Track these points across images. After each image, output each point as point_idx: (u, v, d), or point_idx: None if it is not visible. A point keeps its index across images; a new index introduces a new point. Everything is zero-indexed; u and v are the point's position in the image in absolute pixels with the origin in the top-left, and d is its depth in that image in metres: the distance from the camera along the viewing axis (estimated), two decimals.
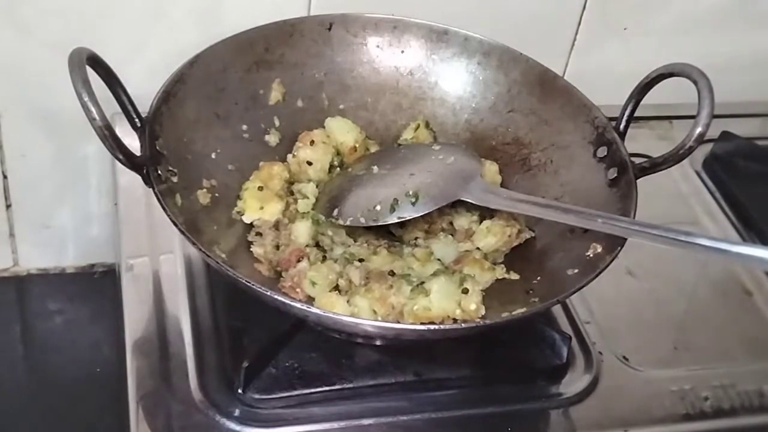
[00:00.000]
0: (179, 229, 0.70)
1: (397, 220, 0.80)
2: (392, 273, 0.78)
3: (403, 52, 0.91)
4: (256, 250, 0.80)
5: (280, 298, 0.68)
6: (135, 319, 0.79)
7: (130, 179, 0.76)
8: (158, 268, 0.84)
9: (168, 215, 0.71)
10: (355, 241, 0.82)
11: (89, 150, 0.98)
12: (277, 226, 0.81)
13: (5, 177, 0.99)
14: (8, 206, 1.01)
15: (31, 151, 0.98)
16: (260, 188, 0.82)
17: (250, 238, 0.81)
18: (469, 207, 0.84)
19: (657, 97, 0.82)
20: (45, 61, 0.89)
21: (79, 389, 0.97)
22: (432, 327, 0.69)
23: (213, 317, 0.80)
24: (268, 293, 0.68)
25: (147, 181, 0.73)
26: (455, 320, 0.75)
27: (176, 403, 0.73)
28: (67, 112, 0.87)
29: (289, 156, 0.86)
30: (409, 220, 0.80)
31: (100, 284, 1.07)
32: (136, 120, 0.75)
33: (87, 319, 1.04)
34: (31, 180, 1.00)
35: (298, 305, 0.68)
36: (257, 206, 0.81)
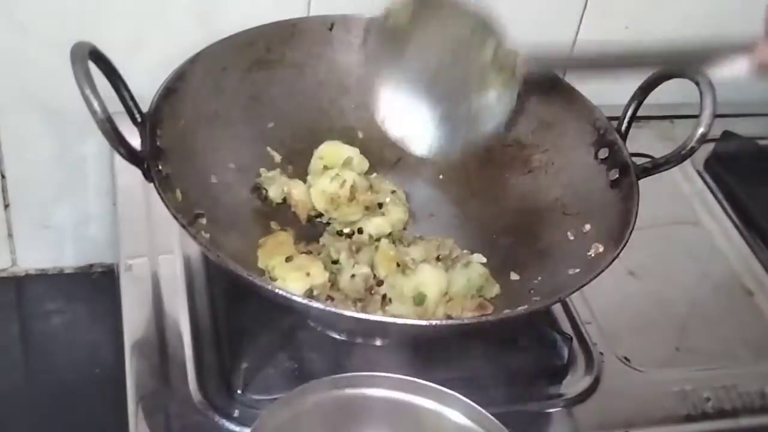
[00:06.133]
0: (180, 223, 0.70)
1: None
2: None
3: None
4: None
5: (281, 292, 0.67)
6: (134, 320, 0.79)
7: (129, 179, 0.76)
8: (157, 268, 0.83)
9: (169, 209, 0.71)
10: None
11: (88, 150, 0.98)
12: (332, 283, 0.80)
13: (3, 177, 0.99)
14: (6, 206, 1.01)
15: (30, 151, 0.98)
16: (288, 259, 0.80)
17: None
18: None
19: (659, 97, 0.82)
20: (44, 60, 0.89)
21: (77, 390, 0.96)
22: (433, 322, 0.69)
23: (212, 318, 0.80)
24: (269, 287, 0.67)
25: (147, 176, 0.73)
26: (449, 317, 0.75)
27: (175, 403, 0.73)
28: (66, 112, 0.87)
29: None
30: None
31: (98, 284, 1.06)
32: (137, 115, 0.75)
33: (86, 319, 1.04)
34: (29, 180, 1.00)
35: (299, 300, 0.67)
36: (303, 275, 0.79)
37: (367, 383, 0.67)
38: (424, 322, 0.68)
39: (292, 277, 0.79)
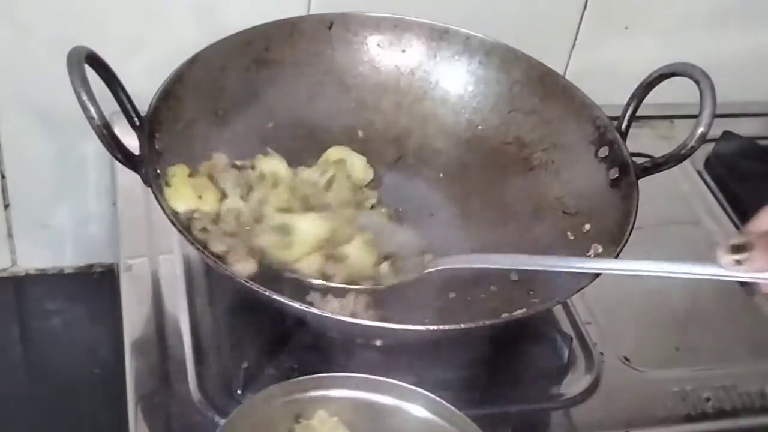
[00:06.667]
0: (177, 228, 0.70)
1: None
2: None
3: (403, 51, 0.91)
4: (219, 247, 0.74)
5: (278, 297, 0.67)
6: (134, 320, 0.79)
7: (129, 179, 0.75)
8: (157, 268, 0.83)
9: (166, 214, 0.71)
10: None
11: (88, 149, 0.98)
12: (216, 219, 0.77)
13: (3, 177, 0.99)
14: (6, 206, 1.01)
15: (30, 151, 0.98)
16: (192, 175, 0.77)
17: (201, 237, 0.74)
18: None
19: (659, 97, 0.82)
20: (44, 61, 0.89)
21: (77, 390, 0.96)
22: (431, 327, 0.69)
23: (212, 318, 0.79)
24: (267, 293, 0.67)
25: (146, 180, 0.73)
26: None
27: (175, 404, 0.73)
28: (65, 112, 0.86)
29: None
30: None
31: (98, 284, 1.06)
32: (135, 119, 0.75)
33: (85, 319, 1.04)
34: (29, 180, 1.00)
35: (297, 305, 0.67)
36: (195, 196, 0.76)
37: (330, 384, 0.67)
38: (421, 328, 0.68)
39: (183, 193, 0.75)
